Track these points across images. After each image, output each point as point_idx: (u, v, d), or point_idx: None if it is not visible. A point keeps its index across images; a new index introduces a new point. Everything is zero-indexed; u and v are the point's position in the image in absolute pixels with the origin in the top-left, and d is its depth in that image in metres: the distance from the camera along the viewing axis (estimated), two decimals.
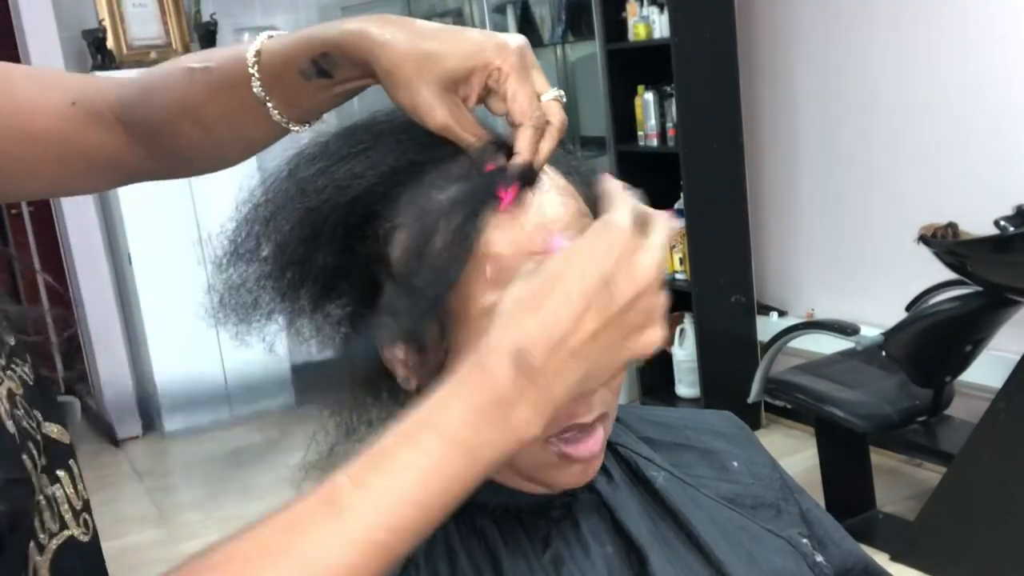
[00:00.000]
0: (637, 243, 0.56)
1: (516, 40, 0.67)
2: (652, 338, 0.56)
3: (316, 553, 0.50)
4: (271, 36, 0.71)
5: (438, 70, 0.64)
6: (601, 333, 0.54)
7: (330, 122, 0.75)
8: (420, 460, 0.52)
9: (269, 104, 0.71)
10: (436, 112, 0.65)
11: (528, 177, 0.65)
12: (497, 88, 0.66)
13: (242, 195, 0.74)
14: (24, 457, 0.56)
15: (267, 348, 0.75)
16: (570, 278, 0.54)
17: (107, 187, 0.87)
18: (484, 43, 0.65)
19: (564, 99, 0.68)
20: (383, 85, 0.67)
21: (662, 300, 0.56)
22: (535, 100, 0.66)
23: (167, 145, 0.78)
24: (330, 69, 0.68)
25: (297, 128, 0.74)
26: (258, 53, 0.70)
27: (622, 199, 0.60)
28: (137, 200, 4.25)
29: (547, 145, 0.66)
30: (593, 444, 0.69)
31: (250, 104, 0.72)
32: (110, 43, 4.30)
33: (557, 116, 0.66)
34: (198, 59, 0.75)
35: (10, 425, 0.56)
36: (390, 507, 0.51)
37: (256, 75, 0.70)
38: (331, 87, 0.70)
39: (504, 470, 0.71)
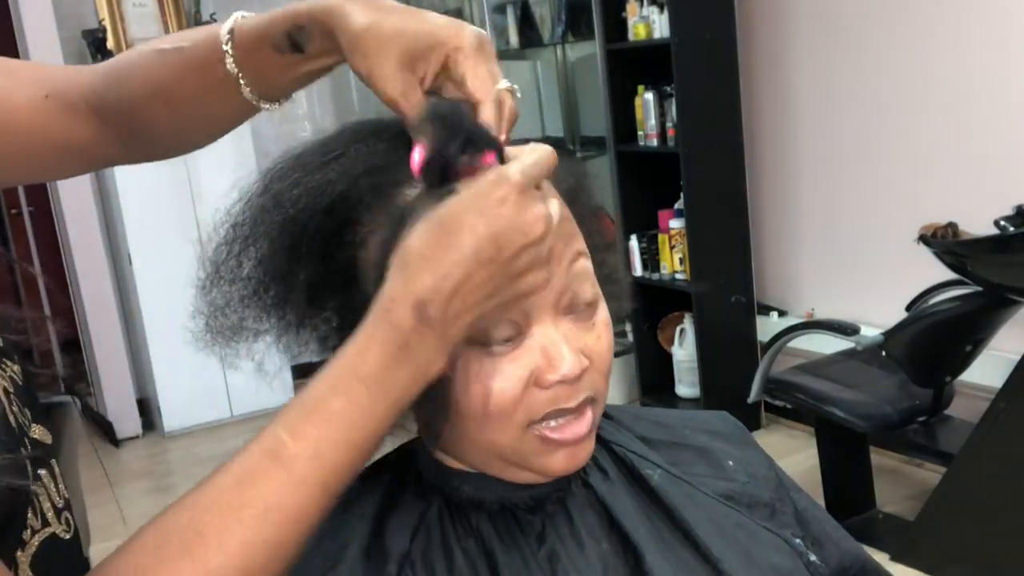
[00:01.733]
0: (526, 198, 0.60)
1: (476, 29, 0.68)
2: (535, 280, 0.62)
3: (270, 502, 0.56)
4: (244, 16, 0.72)
5: (398, 45, 0.66)
6: (489, 281, 0.60)
7: (325, 125, 0.75)
8: (349, 407, 0.59)
9: (242, 81, 0.72)
10: (389, 84, 0.66)
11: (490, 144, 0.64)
12: (454, 69, 0.66)
13: (218, 216, 0.74)
14: (21, 450, 0.58)
15: (256, 367, 0.76)
16: (462, 233, 0.59)
17: (79, 173, 0.88)
18: (445, 25, 0.67)
19: (518, 94, 0.68)
20: (345, 55, 0.67)
21: (546, 249, 0.62)
22: (493, 80, 0.66)
23: (138, 128, 0.79)
24: (303, 42, 0.69)
25: (268, 105, 0.74)
26: (231, 31, 0.71)
27: (525, 152, 0.62)
28: (137, 200, 4.25)
29: (505, 127, 0.67)
30: (579, 427, 0.69)
31: (222, 82, 0.72)
32: (110, 43, 4.30)
33: (508, 103, 0.66)
34: (170, 40, 0.76)
35: (11, 418, 0.59)
36: (327, 452, 0.58)
37: (230, 52, 0.71)
38: (302, 63, 0.71)
39: (494, 460, 0.71)
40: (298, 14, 0.69)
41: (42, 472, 0.62)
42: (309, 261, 0.69)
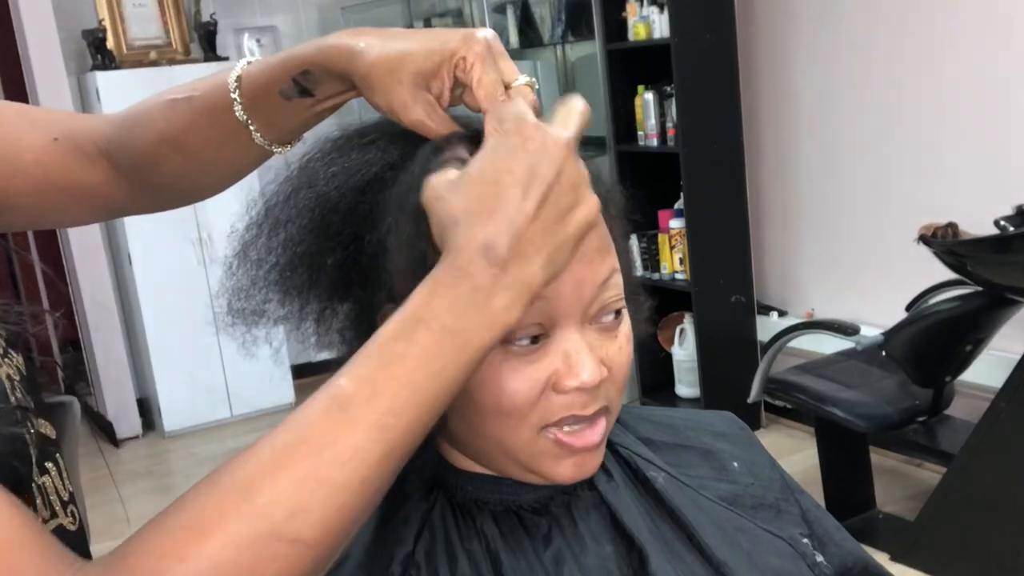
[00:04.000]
0: (543, 128, 0.60)
1: (483, 31, 0.68)
2: (586, 212, 0.61)
3: (324, 440, 0.55)
4: (250, 62, 0.73)
5: (409, 68, 0.66)
6: (541, 213, 0.58)
7: (323, 128, 0.76)
8: (411, 349, 0.57)
9: (252, 128, 0.73)
10: (409, 109, 0.66)
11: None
12: (464, 79, 0.66)
13: (252, 194, 0.74)
14: (24, 433, 0.59)
15: (273, 353, 0.75)
16: (501, 175, 0.58)
17: (92, 220, 0.89)
18: (450, 36, 0.67)
19: (536, 86, 0.68)
20: (361, 91, 0.68)
21: (582, 172, 0.61)
22: (500, 86, 0.66)
23: (151, 176, 0.80)
24: (311, 87, 0.69)
25: (280, 149, 0.75)
26: (239, 79, 0.72)
27: (515, 102, 0.63)
28: None
29: None
30: (592, 435, 0.68)
31: (233, 129, 0.73)
32: (110, 43, 4.30)
33: (529, 99, 0.66)
34: (180, 90, 0.77)
35: (13, 400, 0.60)
36: (389, 393, 0.56)
37: (238, 100, 0.72)
38: (312, 106, 0.71)
39: (503, 458, 0.70)
40: (305, 59, 0.69)
41: (48, 465, 0.63)
42: (339, 242, 0.69)
